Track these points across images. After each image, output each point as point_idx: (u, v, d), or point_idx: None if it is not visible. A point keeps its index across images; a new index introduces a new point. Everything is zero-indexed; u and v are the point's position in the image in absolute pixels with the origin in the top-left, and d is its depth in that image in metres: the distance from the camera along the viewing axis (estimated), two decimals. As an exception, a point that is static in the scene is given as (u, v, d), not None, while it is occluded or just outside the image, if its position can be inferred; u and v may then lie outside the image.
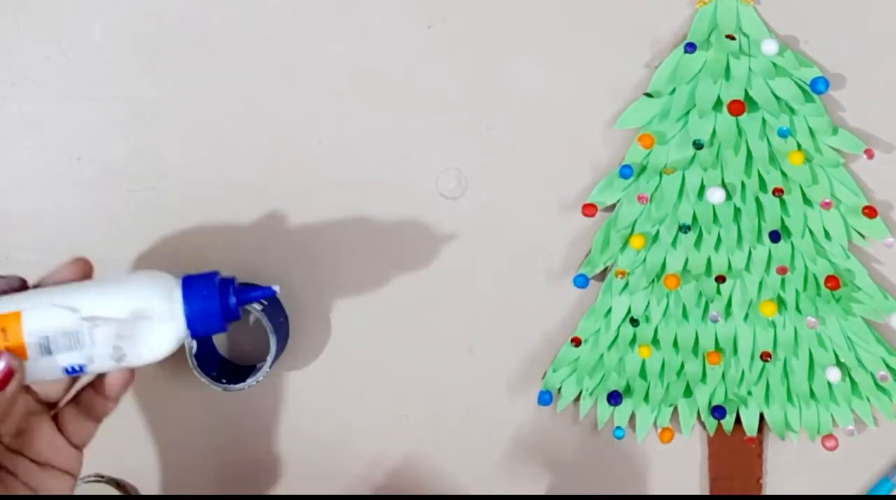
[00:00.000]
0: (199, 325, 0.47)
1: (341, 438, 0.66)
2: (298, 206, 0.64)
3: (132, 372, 0.48)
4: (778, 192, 0.60)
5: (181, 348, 0.49)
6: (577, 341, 0.63)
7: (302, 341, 0.65)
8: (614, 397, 0.63)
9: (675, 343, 0.63)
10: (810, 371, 0.63)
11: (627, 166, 0.61)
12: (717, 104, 0.60)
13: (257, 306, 0.58)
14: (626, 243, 0.62)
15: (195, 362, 0.60)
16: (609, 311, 0.63)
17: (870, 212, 0.60)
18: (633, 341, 0.63)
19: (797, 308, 0.62)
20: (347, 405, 0.66)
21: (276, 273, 0.64)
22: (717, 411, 0.63)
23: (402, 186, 0.64)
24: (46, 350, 0.45)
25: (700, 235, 0.61)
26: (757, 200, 0.61)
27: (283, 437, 0.66)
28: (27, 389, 0.48)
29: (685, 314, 0.62)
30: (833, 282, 0.60)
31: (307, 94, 0.63)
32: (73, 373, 0.47)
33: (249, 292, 0.48)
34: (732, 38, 0.60)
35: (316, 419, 0.66)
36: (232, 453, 0.66)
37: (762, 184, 0.61)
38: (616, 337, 0.63)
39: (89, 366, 0.46)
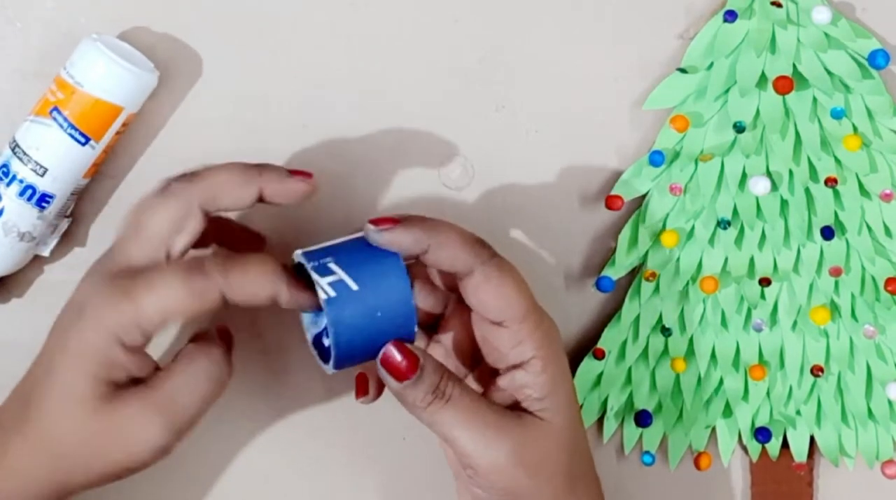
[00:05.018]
0: None
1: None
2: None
3: None
4: (831, 181, 0.58)
5: None
6: (599, 354, 0.61)
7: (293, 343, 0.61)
8: (643, 418, 0.61)
9: (713, 355, 0.61)
10: (868, 388, 0.62)
11: (658, 152, 0.59)
12: (762, 81, 0.58)
13: None
14: (656, 241, 0.60)
15: None
16: (637, 318, 0.61)
17: (937, 204, 0.59)
18: (665, 353, 0.61)
19: (853, 315, 0.61)
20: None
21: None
22: (762, 434, 0.62)
23: (398, 175, 0.60)
24: None
25: (741, 232, 0.60)
26: (807, 191, 0.59)
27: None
28: None
29: (724, 322, 0.61)
30: (894, 285, 0.59)
31: (290, 70, 0.59)
32: None
33: None
34: (779, 4, 0.58)
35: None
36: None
37: (813, 172, 0.59)
38: (645, 349, 0.61)
39: None
